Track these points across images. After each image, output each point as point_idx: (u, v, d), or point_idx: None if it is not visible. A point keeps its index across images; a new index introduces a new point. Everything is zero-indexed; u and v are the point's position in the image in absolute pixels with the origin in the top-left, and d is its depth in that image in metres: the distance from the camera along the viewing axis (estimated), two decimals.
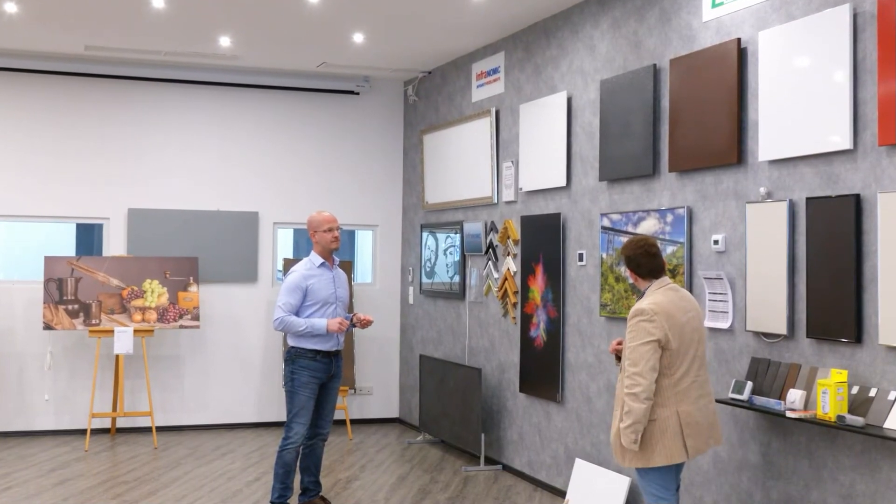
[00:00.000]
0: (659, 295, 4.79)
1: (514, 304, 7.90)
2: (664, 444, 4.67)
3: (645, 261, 4.87)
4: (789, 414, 4.81)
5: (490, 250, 8.38)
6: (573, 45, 7.19)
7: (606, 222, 6.62)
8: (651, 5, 6.30)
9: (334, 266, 6.62)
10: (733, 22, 5.57)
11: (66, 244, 13.31)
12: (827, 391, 4.61)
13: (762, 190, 5.25)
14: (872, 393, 4.56)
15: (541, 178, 7.53)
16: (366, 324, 6.65)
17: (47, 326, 8.95)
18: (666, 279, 4.90)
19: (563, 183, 7.20)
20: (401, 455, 8.79)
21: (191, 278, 9.38)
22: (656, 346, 4.65)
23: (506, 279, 8.00)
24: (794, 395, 4.86)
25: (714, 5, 5.72)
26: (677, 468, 4.86)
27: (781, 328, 5.09)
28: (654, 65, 6.21)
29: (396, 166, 10.56)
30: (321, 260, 6.54)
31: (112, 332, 8.98)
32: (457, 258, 8.98)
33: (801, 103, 4.99)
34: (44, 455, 8.58)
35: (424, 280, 9.77)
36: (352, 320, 6.61)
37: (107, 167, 9.67)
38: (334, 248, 6.56)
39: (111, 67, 9.60)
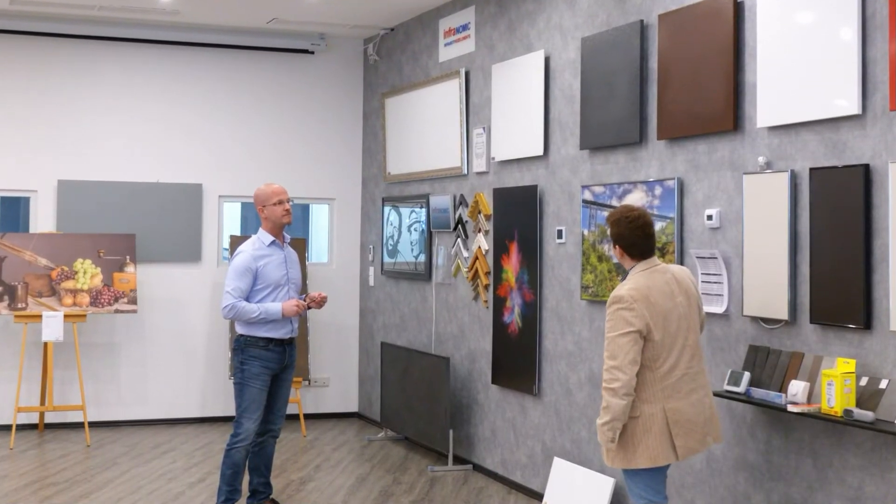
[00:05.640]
0: (642, 279, 4.76)
1: (486, 287, 7.85)
2: (647, 443, 4.65)
3: (640, 241, 4.82)
4: (791, 408, 4.81)
5: (459, 226, 8.32)
6: None
7: (588, 195, 6.57)
8: None
9: (285, 244, 6.55)
10: None
11: None
12: (833, 383, 4.60)
13: (761, 160, 5.21)
14: (883, 385, 4.55)
15: (515, 147, 7.48)
16: (321, 302, 6.62)
17: None
18: (654, 260, 4.86)
19: (539, 152, 7.16)
20: (360, 453, 8.76)
21: (127, 257, 9.31)
22: (637, 338, 4.62)
23: (476, 258, 7.95)
24: (797, 387, 4.85)
25: None
26: (666, 466, 4.82)
27: (782, 313, 5.06)
28: (641, 21, 6.17)
29: (355, 133, 10.50)
30: (271, 238, 6.48)
31: (40, 317, 8.90)
32: (422, 235, 8.91)
33: (804, 64, 4.97)
34: None
35: (386, 259, 9.71)
36: (305, 300, 6.54)
37: (34, 134, 9.57)
38: (286, 222, 6.54)
39: (39, 24, 9.48)
